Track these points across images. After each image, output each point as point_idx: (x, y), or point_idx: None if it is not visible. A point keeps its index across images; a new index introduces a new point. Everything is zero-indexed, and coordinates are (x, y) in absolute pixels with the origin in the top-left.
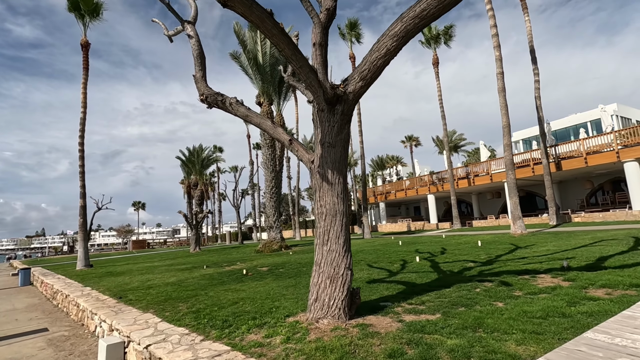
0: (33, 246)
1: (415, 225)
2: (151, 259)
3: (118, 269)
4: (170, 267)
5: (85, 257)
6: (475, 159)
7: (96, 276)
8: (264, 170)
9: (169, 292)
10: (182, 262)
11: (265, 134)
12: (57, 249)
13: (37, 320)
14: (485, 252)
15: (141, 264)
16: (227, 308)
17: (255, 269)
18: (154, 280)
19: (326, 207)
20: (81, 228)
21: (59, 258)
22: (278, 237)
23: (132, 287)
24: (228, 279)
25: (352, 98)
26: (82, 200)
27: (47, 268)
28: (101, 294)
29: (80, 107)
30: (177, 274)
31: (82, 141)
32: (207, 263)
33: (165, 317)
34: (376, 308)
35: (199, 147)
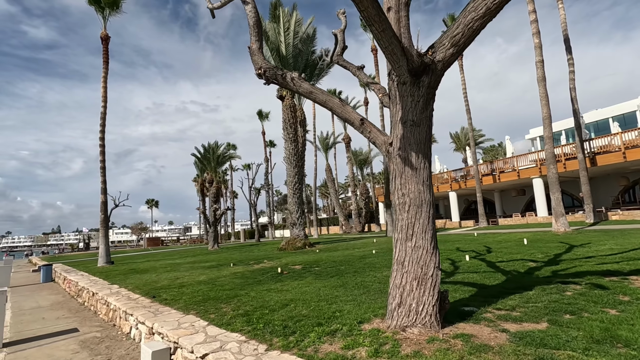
0: (49, 243)
1: (436, 224)
2: (170, 256)
3: (140, 266)
4: (194, 265)
5: (107, 254)
6: (492, 156)
7: (120, 273)
8: (286, 166)
9: (205, 291)
10: (204, 260)
11: (288, 128)
12: (74, 246)
13: (65, 320)
14: (539, 251)
15: (162, 261)
16: (278, 311)
17: (288, 267)
18: (182, 278)
19: (410, 197)
20: (102, 224)
21: (76, 255)
22: (301, 235)
23: (163, 286)
24: (263, 277)
25: (441, 68)
26: (102, 196)
27: (67, 265)
28: (131, 293)
29: (101, 101)
30: (206, 272)
31: (103, 136)
32: (232, 261)
33: (211, 320)
34: (463, 314)
35: (214, 144)
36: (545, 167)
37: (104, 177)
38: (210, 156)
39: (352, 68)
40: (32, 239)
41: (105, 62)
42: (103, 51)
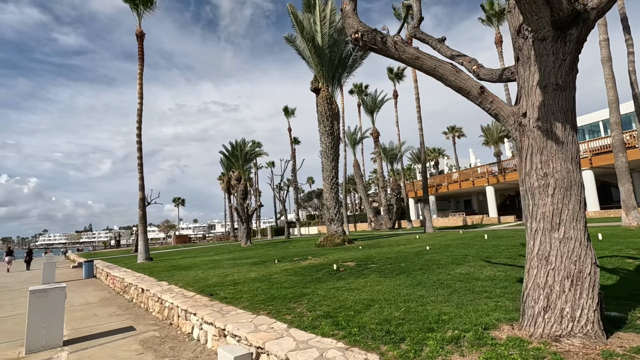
0: (82, 241)
1: (472, 220)
2: (205, 252)
3: (180, 263)
4: (236, 262)
5: (146, 251)
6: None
7: (163, 270)
8: (323, 160)
9: (264, 289)
10: (243, 256)
11: (325, 121)
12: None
13: (117, 317)
14: (629, 247)
15: (201, 258)
16: (364, 312)
17: (339, 264)
18: (232, 275)
19: (555, 177)
20: (141, 221)
21: (110, 252)
22: (340, 231)
23: (215, 283)
24: (320, 275)
25: (594, 17)
26: (141, 192)
27: (105, 261)
28: (184, 290)
29: (137, 98)
30: (253, 268)
31: (140, 132)
32: (273, 257)
33: (289, 321)
34: (612, 321)
35: (242, 142)
36: (597, 158)
37: (141, 174)
38: (238, 153)
39: (432, 41)
40: (66, 237)
41: (141, 59)
42: (138, 48)
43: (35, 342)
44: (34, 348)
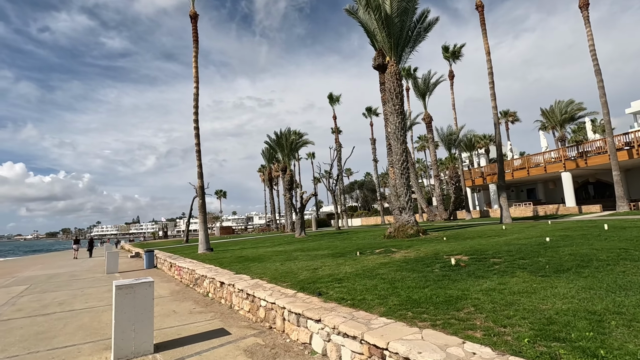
0: (131, 232)
1: (545, 210)
2: (261, 243)
3: (245, 254)
4: (309, 254)
5: (206, 241)
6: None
7: (232, 261)
8: (392, 142)
9: (386, 288)
10: (311, 248)
11: (394, 99)
12: (155, 234)
13: (200, 315)
14: None
15: (262, 249)
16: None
17: (445, 257)
18: (322, 269)
19: None
20: (200, 210)
21: (160, 242)
22: (412, 221)
23: (309, 279)
24: (438, 270)
25: None
26: (199, 180)
27: (160, 251)
28: (277, 286)
29: (193, 82)
30: (338, 261)
31: (197, 118)
32: (346, 249)
33: (486, 342)
34: None
35: (287, 131)
36: None
37: (199, 161)
38: (283, 142)
39: None
40: (117, 228)
41: (195, 41)
42: (192, 30)
43: (123, 348)
44: (123, 355)
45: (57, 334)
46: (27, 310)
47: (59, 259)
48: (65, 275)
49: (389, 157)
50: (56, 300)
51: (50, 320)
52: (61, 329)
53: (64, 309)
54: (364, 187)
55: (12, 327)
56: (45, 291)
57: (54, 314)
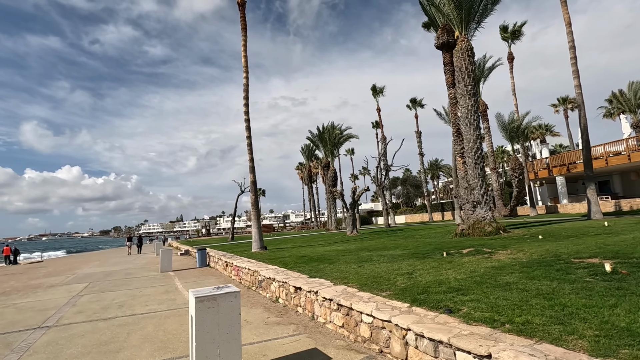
0: (175, 229)
1: (631, 204)
2: (313, 241)
3: (302, 252)
4: (382, 254)
5: (260, 238)
6: None
7: (296, 261)
8: (463, 128)
9: (537, 303)
10: (377, 247)
11: (465, 79)
12: (199, 231)
13: (280, 328)
14: None
15: (321, 247)
16: None
17: (568, 260)
18: (420, 273)
19: None
20: (253, 206)
21: (205, 239)
22: (489, 216)
23: (412, 286)
24: (587, 277)
25: None
26: (252, 175)
27: (213, 249)
28: (378, 296)
29: (243, 72)
30: (429, 264)
31: (247, 110)
32: (419, 249)
33: None
34: None
35: (330, 125)
36: None
37: (251, 155)
38: (326, 137)
39: None
40: (162, 226)
41: (244, 29)
42: (240, 18)
43: None
44: None
45: (122, 347)
46: (88, 313)
47: (113, 255)
48: (121, 273)
49: (456, 145)
50: (115, 301)
51: (112, 327)
52: (125, 340)
53: (125, 312)
54: (407, 182)
55: (73, 333)
56: (103, 290)
57: (115, 318)
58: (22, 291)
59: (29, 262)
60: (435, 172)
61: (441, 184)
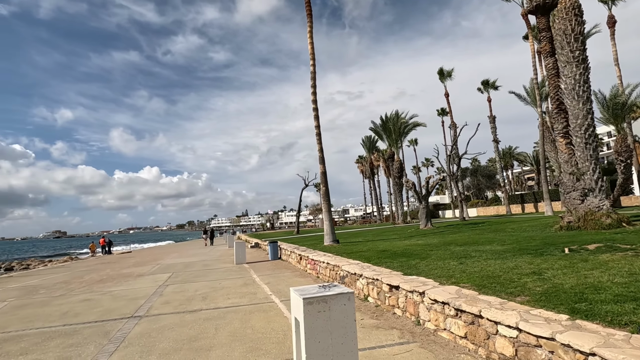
0: (241, 224)
1: None
2: (384, 235)
3: (380, 246)
4: (479, 250)
5: (332, 232)
6: None
7: (379, 256)
8: (569, 102)
9: None
10: (465, 241)
11: (572, 43)
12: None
13: (378, 332)
14: None
15: (398, 241)
16: None
17: None
18: (553, 273)
19: None
20: (324, 198)
21: (270, 233)
22: (605, 206)
23: (555, 290)
24: None
25: None
26: (321, 166)
27: (282, 242)
28: (511, 302)
29: (309, 60)
30: (556, 262)
31: (315, 98)
32: (524, 245)
33: None
34: None
35: (394, 114)
36: None
37: (320, 145)
38: (390, 127)
39: None
40: (230, 221)
41: (309, 15)
42: (305, 3)
43: None
44: None
45: (212, 344)
46: (174, 304)
47: (190, 247)
48: (199, 265)
49: (557, 124)
50: (198, 293)
51: (199, 321)
52: (214, 336)
53: (209, 305)
54: (478, 173)
55: (163, 326)
56: (185, 281)
57: (200, 311)
58: (115, 279)
59: (120, 252)
60: (508, 161)
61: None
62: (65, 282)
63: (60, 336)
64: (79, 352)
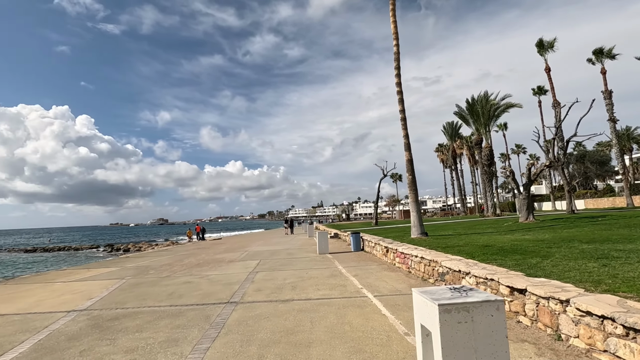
0: (317, 214)
1: None
2: (476, 228)
3: (480, 241)
4: (624, 250)
5: (420, 223)
6: None
7: (484, 252)
8: None
9: None
10: (593, 238)
11: None
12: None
13: (510, 346)
14: None
15: (498, 236)
16: None
17: None
18: None
19: None
20: (410, 187)
21: (347, 223)
22: None
23: None
24: None
25: None
26: (407, 153)
27: (366, 233)
28: None
29: (393, 39)
30: None
31: (399, 80)
32: None
33: None
34: None
35: (483, 96)
36: None
37: (405, 131)
38: (479, 110)
39: None
40: (306, 211)
41: None
42: None
43: None
44: None
45: (310, 340)
46: (266, 292)
47: (272, 236)
48: (283, 253)
49: None
50: (287, 282)
51: (292, 311)
52: (310, 330)
53: (300, 295)
54: (586, 159)
55: (259, 314)
56: (273, 269)
57: (292, 301)
58: (210, 264)
59: (212, 239)
60: (626, 144)
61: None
62: (169, 265)
63: (168, 316)
64: (185, 335)
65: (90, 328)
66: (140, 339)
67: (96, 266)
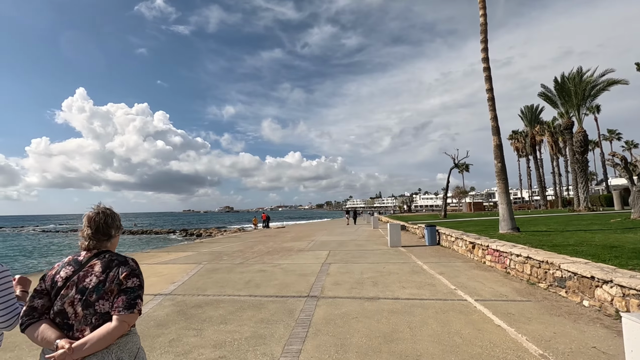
0: (375, 205)
1: None
2: (577, 224)
3: (595, 240)
4: None
5: (511, 217)
6: None
7: (613, 255)
8: None
9: None
10: None
11: None
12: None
13: None
14: None
15: (615, 234)
16: None
17: None
18: None
19: None
20: (499, 176)
21: (411, 215)
22: None
23: None
24: None
25: None
26: (495, 137)
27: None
28: None
29: (479, 9)
30: None
31: (486, 55)
32: None
33: None
34: None
35: (576, 73)
36: None
37: (493, 113)
38: (571, 89)
39: None
40: (364, 202)
41: None
42: None
43: None
44: None
45: (417, 351)
46: (346, 287)
47: (335, 226)
48: (351, 244)
49: None
50: (365, 276)
51: (383, 312)
52: (412, 339)
53: (385, 294)
54: None
55: (345, 312)
56: (346, 261)
57: (379, 300)
58: (280, 252)
59: (276, 227)
60: None
61: None
62: (241, 251)
63: (250, 308)
64: (271, 332)
65: (176, 314)
66: (226, 332)
67: (174, 250)
